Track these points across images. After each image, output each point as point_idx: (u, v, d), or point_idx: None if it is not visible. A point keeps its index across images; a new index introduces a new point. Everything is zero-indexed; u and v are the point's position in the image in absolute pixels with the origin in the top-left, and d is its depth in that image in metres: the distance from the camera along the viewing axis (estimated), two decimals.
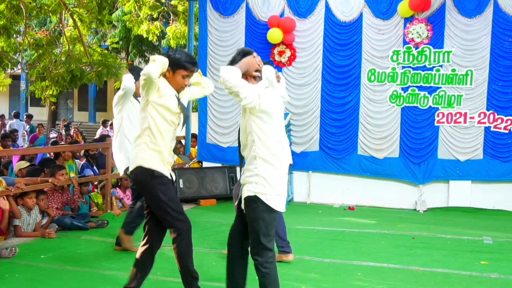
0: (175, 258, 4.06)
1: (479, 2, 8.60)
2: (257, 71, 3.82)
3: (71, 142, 11.77)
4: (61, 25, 13.43)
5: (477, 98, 8.71)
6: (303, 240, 6.54)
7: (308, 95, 9.21)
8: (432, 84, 8.81)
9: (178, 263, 4.07)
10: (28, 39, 12.50)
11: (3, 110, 27.25)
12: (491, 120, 8.68)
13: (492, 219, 8.27)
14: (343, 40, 9.14)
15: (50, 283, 4.85)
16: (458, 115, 8.77)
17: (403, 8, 8.72)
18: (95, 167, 9.25)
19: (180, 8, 14.64)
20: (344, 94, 9.19)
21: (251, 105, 3.64)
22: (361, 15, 9.03)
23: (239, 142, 4.04)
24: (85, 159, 9.48)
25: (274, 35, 9.11)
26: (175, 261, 5.46)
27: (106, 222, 7.15)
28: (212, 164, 9.73)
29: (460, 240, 6.80)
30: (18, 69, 15.00)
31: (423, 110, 8.88)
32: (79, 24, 12.33)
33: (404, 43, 8.87)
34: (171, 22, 15.57)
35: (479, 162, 8.77)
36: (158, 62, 3.83)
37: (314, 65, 9.23)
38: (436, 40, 8.76)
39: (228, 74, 3.62)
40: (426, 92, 8.83)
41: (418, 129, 8.93)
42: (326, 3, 9.17)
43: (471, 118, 8.74)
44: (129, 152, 5.18)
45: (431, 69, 8.80)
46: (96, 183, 8.45)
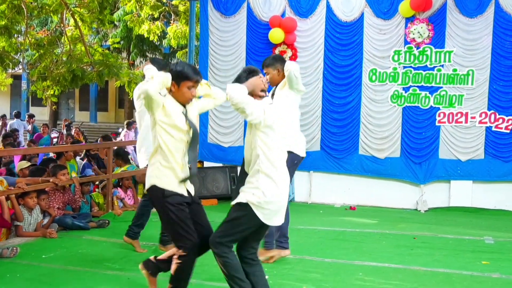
0: (172, 269, 3.99)
1: (480, 2, 8.58)
2: (262, 91, 3.93)
3: (73, 142, 11.77)
4: (62, 25, 13.42)
5: (478, 98, 8.70)
6: (304, 240, 6.55)
7: (309, 95, 9.20)
8: (433, 84, 8.80)
9: (174, 274, 4.00)
10: (29, 39, 12.48)
11: (4, 110, 27.26)
12: (492, 120, 8.67)
13: (494, 219, 8.26)
14: (344, 40, 9.14)
15: (51, 283, 4.85)
16: (459, 115, 8.76)
17: (404, 8, 8.71)
18: (96, 167, 9.28)
19: (181, 8, 14.64)
20: (346, 94, 9.18)
21: (257, 120, 3.76)
22: (362, 15, 9.03)
23: (244, 160, 4.08)
24: (86, 159, 9.51)
25: (276, 35, 9.11)
26: None
27: (107, 222, 7.15)
28: (213, 164, 9.73)
29: (461, 240, 6.80)
30: (19, 69, 14.98)
31: (424, 110, 8.87)
32: (80, 24, 12.32)
33: (405, 43, 8.87)
34: (172, 22, 15.56)
35: (480, 162, 8.76)
36: (156, 79, 3.78)
37: (315, 65, 9.23)
38: (437, 40, 8.76)
39: (234, 91, 3.76)
40: (427, 92, 8.83)
41: (419, 129, 8.92)
42: (327, 3, 9.16)
43: (472, 118, 8.74)
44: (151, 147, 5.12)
45: (432, 69, 8.79)
46: (97, 183, 8.45)
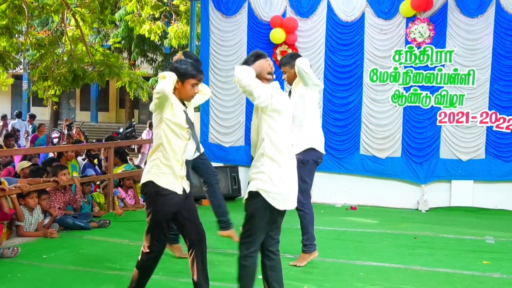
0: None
1: (481, 1, 8.57)
2: (269, 74, 3.91)
3: (74, 142, 11.77)
4: (63, 25, 13.42)
5: (479, 97, 8.69)
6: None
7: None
8: (434, 84, 8.80)
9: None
10: (30, 39, 12.49)
11: (5, 110, 27.30)
12: (493, 119, 8.66)
13: (494, 218, 8.25)
14: (345, 40, 9.13)
15: (52, 283, 4.85)
16: (460, 115, 8.76)
17: (405, 7, 8.71)
18: (97, 167, 9.28)
19: (182, 8, 14.64)
20: (347, 94, 9.18)
21: (264, 104, 3.74)
22: (363, 15, 9.02)
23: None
24: (87, 159, 9.51)
25: (277, 35, 9.10)
26: (176, 260, 5.50)
27: (108, 222, 7.15)
28: (214, 164, 9.69)
29: (462, 239, 6.79)
30: (20, 69, 15.01)
31: (425, 110, 8.87)
32: (81, 23, 12.33)
33: (406, 42, 8.86)
34: (173, 21, 15.57)
35: (481, 162, 8.75)
36: (169, 78, 3.85)
37: (316, 65, 9.21)
38: (438, 39, 8.75)
39: (242, 74, 3.74)
40: (428, 92, 8.82)
41: (420, 128, 8.91)
42: (328, 3, 9.15)
43: (473, 117, 8.73)
44: None
45: (433, 68, 8.79)
46: (98, 183, 8.45)
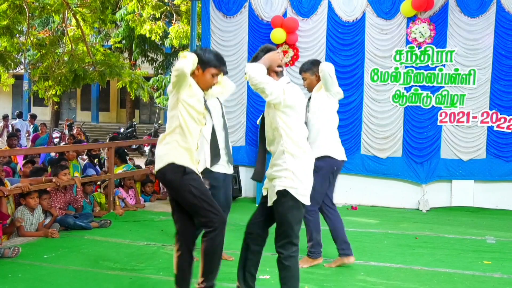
0: (201, 253, 3.86)
1: (482, 1, 8.57)
2: (279, 66, 3.91)
3: (75, 142, 11.76)
4: (64, 24, 13.44)
5: (480, 97, 8.69)
6: (306, 240, 6.52)
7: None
8: (435, 84, 8.79)
9: (204, 260, 3.86)
10: (31, 38, 12.50)
11: (6, 110, 27.32)
12: (494, 119, 8.66)
13: (495, 218, 8.25)
14: (346, 40, 9.13)
15: (53, 283, 4.85)
16: (461, 115, 8.76)
17: (406, 7, 8.71)
18: (97, 167, 9.27)
19: (183, 7, 14.64)
20: (347, 93, 9.12)
21: (277, 100, 3.74)
22: (364, 15, 9.02)
23: (261, 137, 4.05)
24: (87, 159, 9.51)
25: (277, 35, 9.10)
26: None
27: (109, 222, 7.16)
28: None
29: (463, 239, 6.79)
30: (21, 69, 15.03)
31: (426, 110, 8.86)
32: (82, 23, 12.34)
33: (407, 42, 8.86)
34: (174, 21, 15.58)
35: (482, 162, 8.76)
36: (190, 58, 3.77)
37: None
38: (439, 39, 8.75)
39: (254, 71, 3.73)
40: (429, 92, 8.82)
41: (421, 128, 8.91)
42: (329, 3, 9.15)
43: (474, 117, 8.73)
44: (205, 153, 4.98)
45: (434, 68, 8.78)
46: (99, 183, 8.45)
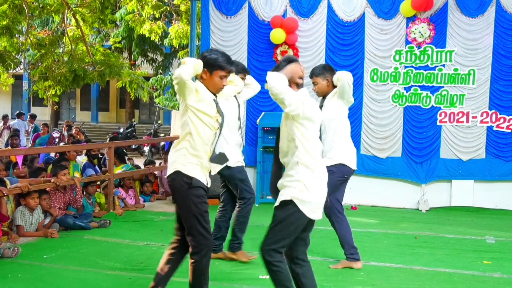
0: (189, 274, 3.91)
1: (482, 1, 8.57)
2: (300, 78, 3.86)
3: (74, 142, 11.76)
4: (63, 24, 13.43)
5: (479, 97, 8.70)
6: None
7: (311, 95, 9.16)
8: (434, 84, 8.80)
9: (192, 279, 3.91)
10: (31, 38, 12.49)
11: (5, 110, 27.32)
12: (493, 119, 8.67)
13: (495, 218, 8.26)
14: (345, 40, 9.13)
15: (53, 283, 4.85)
16: (460, 115, 8.76)
17: (406, 7, 8.71)
18: (96, 167, 9.27)
19: (182, 7, 14.65)
20: None
21: (295, 112, 3.66)
22: (363, 15, 9.02)
23: (275, 152, 3.96)
24: (86, 159, 9.50)
25: (277, 35, 9.10)
26: None
27: (108, 222, 7.16)
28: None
29: (463, 239, 6.80)
30: (21, 69, 15.01)
31: (426, 110, 8.87)
32: (81, 23, 12.34)
33: (407, 42, 8.86)
34: (173, 21, 15.59)
35: (482, 162, 8.76)
36: (189, 63, 3.72)
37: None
38: (439, 39, 8.75)
39: (275, 81, 3.63)
40: (429, 92, 8.82)
41: (421, 128, 8.91)
42: (329, 3, 9.15)
43: (473, 117, 8.73)
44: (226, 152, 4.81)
45: (433, 68, 8.79)
46: (98, 183, 8.45)
